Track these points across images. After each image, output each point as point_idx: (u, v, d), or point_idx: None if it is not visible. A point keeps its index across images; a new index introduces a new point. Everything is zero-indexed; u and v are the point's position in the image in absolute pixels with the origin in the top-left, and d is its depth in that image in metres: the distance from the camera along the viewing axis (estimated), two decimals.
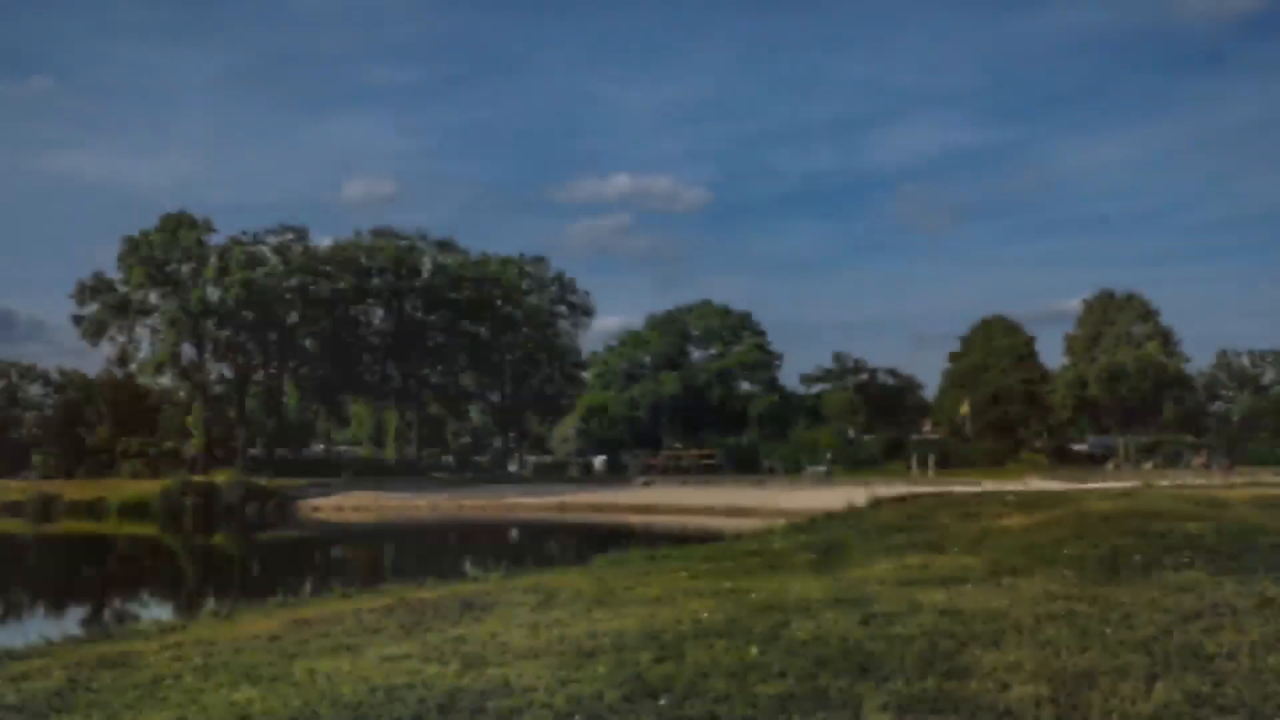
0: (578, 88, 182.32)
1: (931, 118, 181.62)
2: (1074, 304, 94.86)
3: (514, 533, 51.80)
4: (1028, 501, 18.36)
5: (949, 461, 71.76)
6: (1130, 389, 78.03)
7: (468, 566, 31.18)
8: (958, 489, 28.43)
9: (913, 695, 5.48)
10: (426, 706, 5.63)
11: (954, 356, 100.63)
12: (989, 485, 44.44)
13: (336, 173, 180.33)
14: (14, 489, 69.87)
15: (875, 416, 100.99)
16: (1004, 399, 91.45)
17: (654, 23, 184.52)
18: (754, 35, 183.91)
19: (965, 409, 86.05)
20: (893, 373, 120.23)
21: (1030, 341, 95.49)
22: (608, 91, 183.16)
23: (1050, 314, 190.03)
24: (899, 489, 29.38)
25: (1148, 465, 65.78)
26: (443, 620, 8.98)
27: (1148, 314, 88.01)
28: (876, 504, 20.48)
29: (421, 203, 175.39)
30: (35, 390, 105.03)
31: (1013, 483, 49.11)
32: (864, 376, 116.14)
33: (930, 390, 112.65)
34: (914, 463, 70.54)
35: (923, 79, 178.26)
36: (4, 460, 78.93)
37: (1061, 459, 74.37)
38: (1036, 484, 46.10)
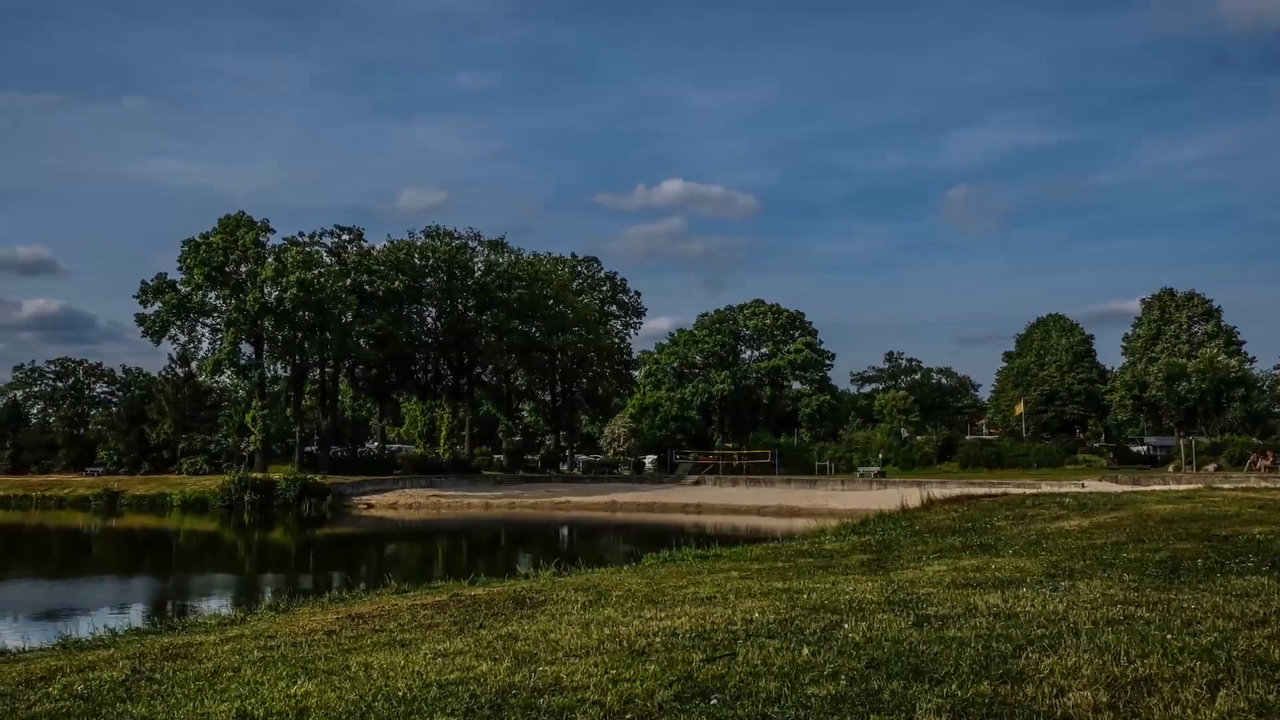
0: (651, 91, 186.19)
1: (1004, 118, 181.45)
2: (1135, 304, 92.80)
3: (564, 531, 52.05)
4: (1085, 503, 18.04)
5: (1003, 462, 70.70)
6: (1190, 389, 76.23)
7: (519, 564, 31.42)
8: (1013, 490, 28.03)
9: (967, 699, 5.42)
10: (479, 703, 5.68)
11: (1009, 356, 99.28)
12: (1045, 487, 43.80)
13: (410, 177, 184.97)
14: (82, 484, 71.89)
15: (928, 416, 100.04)
16: (1060, 398, 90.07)
17: (730, 26, 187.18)
18: (828, 37, 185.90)
19: (1020, 409, 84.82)
20: (946, 372, 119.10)
21: (1088, 340, 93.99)
22: (680, 95, 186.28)
23: (1112, 314, 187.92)
24: (953, 490, 29.03)
25: (1210, 467, 64.19)
26: (495, 617, 9.06)
27: (1209, 313, 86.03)
28: (930, 505, 20.28)
29: (488, 206, 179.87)
30: (101, 388, 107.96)
31: (1070, 484, 48.31)
32: (917, 376, 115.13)
33: (985, 390, 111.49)
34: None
35: (997, 79, 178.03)
36: (72, 456, 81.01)
37: (1120, 460, 72.87)
38: (1094, 486, 45.31)
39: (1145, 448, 76.81)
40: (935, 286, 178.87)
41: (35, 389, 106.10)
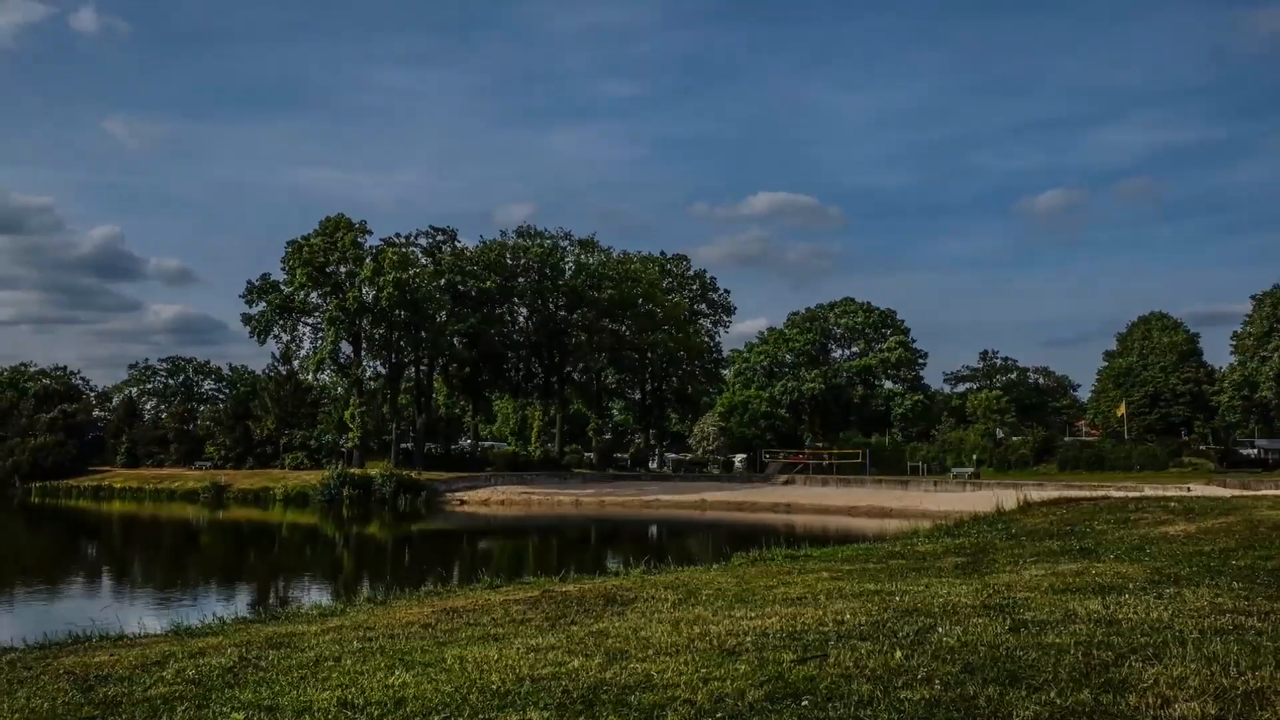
0: (790, 96, 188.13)
1: (1148, 117, 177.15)
2: (1240, 306, 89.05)
3: (654, 529, 52.20)
4: (1192, 508, 17.41)
5: (1104, 464, 68.53)
6: None
7: (609, 561, 31.64)
8: (1114, 493, 27.16)
9: (1066, 708, 5.29)
10: (571, 698, 5.76)
11: (1109, 355, 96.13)
12: (1148, 490, 42.35)
13: (545, 181, 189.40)
14: (191, 477, 74.84)
15: (1024, 417, 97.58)
16: (1165, 399, 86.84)
17: (878, 29, 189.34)
18: (976, 39, 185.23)
19: (1122, 410, 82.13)
20: (1043, 371, 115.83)
21: (1193, 339, 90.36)
22: (820, 98, 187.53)
23: (1217, 316, 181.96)
24: (1050, 492, 28.27)
25: None
26: (586, 614, 9.16)
27: None
28: (1027, 507, 19.81)
29: (619, 209, 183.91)
30: (209, 385, 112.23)
31: (1174, 488, 46.63)
32: (1012, 375, 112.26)
33: (1084, 390, 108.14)
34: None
35: (1143, 78, 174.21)
36: (182, 450, 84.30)
37: (1228, 463, 69.96)
38: (1200, 489, 43.64)
39: (1255, 451, 73.54)
40: (1041, 285, 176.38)
41: (149, 386, 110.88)
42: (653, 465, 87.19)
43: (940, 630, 7.32)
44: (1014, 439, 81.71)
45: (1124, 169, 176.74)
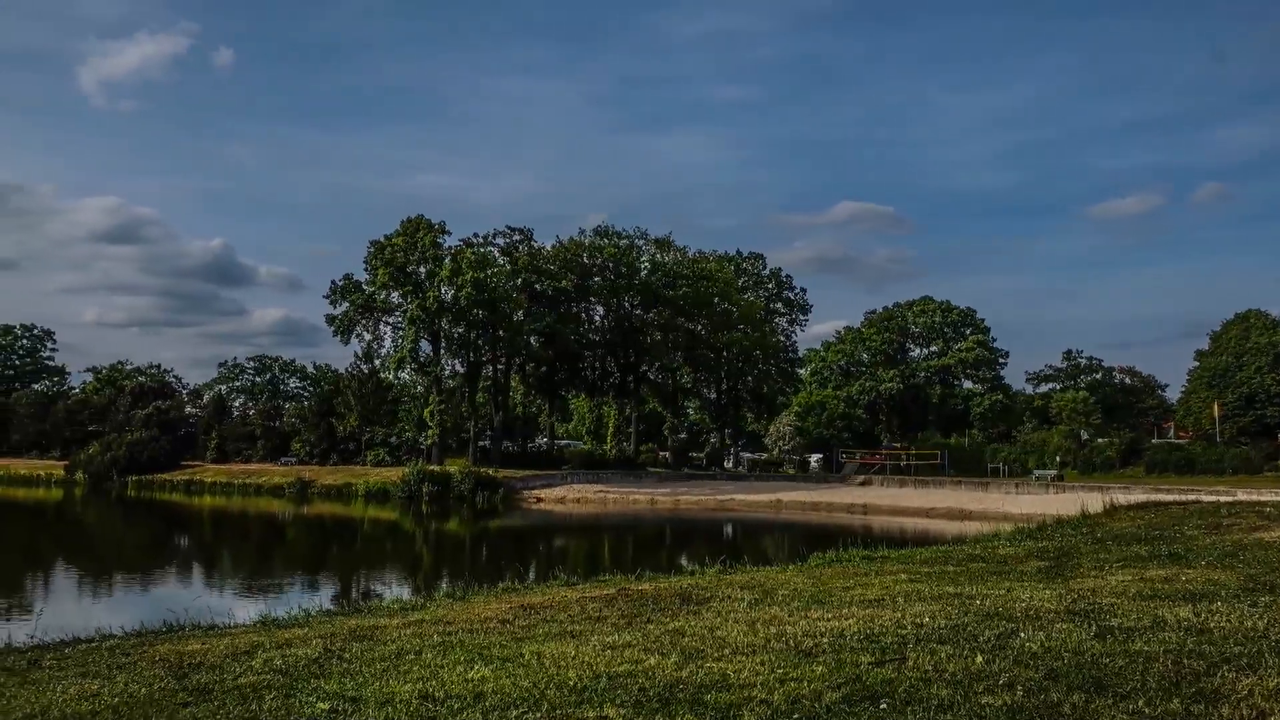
0: (901, 98, 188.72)
1: (1264, 115, 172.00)
2: None
3: (729, 529, 52.06)
4: None
5: (1194, 468, 66.30)
6: None
7: (684, 560, 31.65)
8: (1205, 498, 26.28)
9: (1155, 717, 5.15)
10: (647, 695, 5.78)
11: (1201, 355, 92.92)
12: (1242, 495, 40.89)
13: (649, 185, 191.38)
14: (277, 473, 76.88)
15: (1110, 418, 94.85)
16: (1260, 401, 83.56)
17: (994, 31, 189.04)
18: (1093, 38, 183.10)
19: (1215, 411, 79.34)
20: (1130, 371, 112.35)
21: None
22: (930, 99, 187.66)
23: None
24: (1138, 496, 27.46)
25: None
26: (662, 612, 9.18)
27: None
28: (1112, 511, 19.30)
29: (718, 210, 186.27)
30: (294, 383, 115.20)
31: (1269, 493, 44.89)
32: (1097, 375, 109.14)
33: (1173, 390, 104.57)
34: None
35: (1263, 75, 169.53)
36: (269, 446, 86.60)
37: None
38: None
39: None
40: (1134, 285, 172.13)
41: (236, 384, 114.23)
42: (728, 465, 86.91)
43: (1022, 635, 7.18)
44: (1099, 441, 79.45)
45: (1220, 171, 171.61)
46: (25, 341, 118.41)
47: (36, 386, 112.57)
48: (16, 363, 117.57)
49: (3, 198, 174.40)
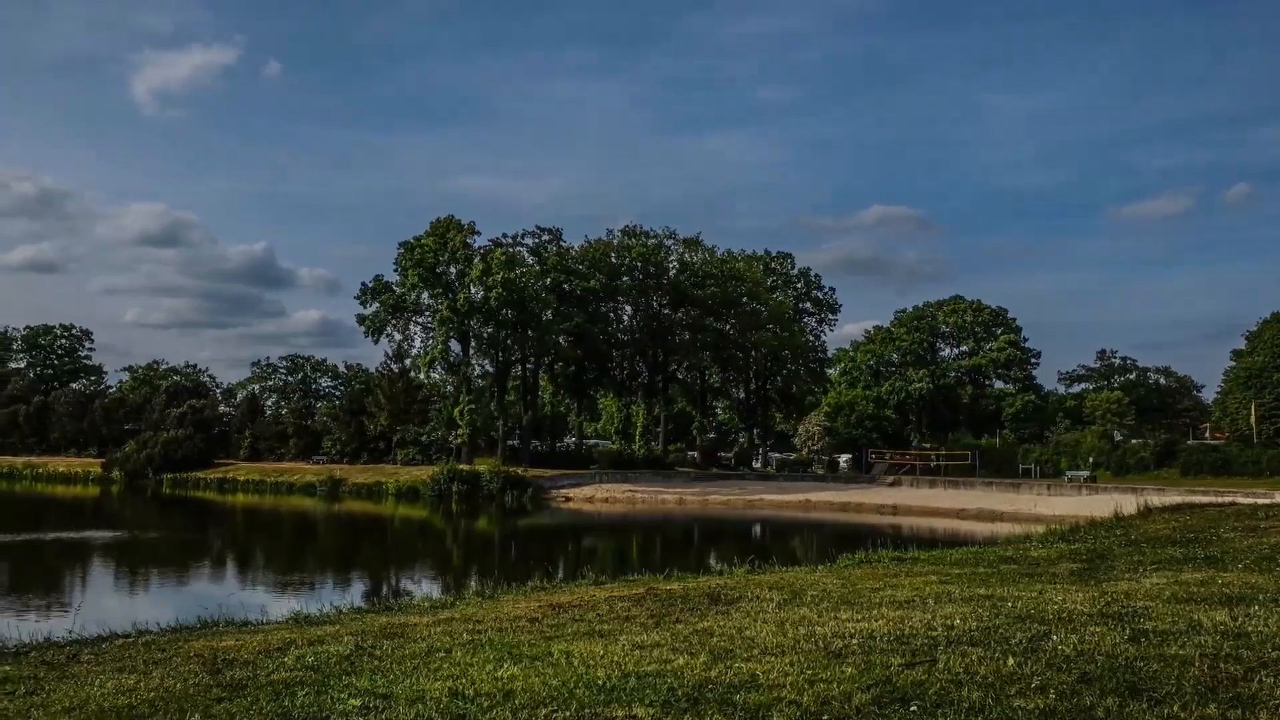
0: (951, 98, 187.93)
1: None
2: None
3: (757, 529, 51.94)
4: None
5: (1230, 469, 65.32)
6: None
7: (712, 560, 31.62)
8: (1242, 500, 25.91)
9: None
10: (676, 695, 5.78)
11: (1237, 355, 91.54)
12: (1279, 497, 40.25)
13: (687, 186, 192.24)
14: (309, 471, 77.58)
15: (1145, 418, 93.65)
16: None
17: (1047, 30, 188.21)
18: (1146, 37, 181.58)
19: (1253, 412, 78.16)
20: (1165, 371, 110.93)
21: None
22: (980, 100, 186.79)
23: None
24: (1173, 498, 27.11)
25: None
26: (690, 612, 9.18)
27: None
28: (1147, 513, 19.08)
29: (752, 211, 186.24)
30: (325, 382, 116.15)
31: None
32: (1131, 376, 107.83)
33: (1209, 391, 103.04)
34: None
35: None
36: (300, 445, 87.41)
37: None
38: None
39: None
40: (1166, 286, 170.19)
41: (269, 383, 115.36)
42: (756, 465, 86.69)
43: (1055, 638, 7.11)
44: (1133, 442, 78.48)
45: (1249, 171, 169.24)
46: (64, 341, 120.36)
47: (74, 385, 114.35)
48: (55, 362, 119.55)
49: (53, 203, 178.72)
